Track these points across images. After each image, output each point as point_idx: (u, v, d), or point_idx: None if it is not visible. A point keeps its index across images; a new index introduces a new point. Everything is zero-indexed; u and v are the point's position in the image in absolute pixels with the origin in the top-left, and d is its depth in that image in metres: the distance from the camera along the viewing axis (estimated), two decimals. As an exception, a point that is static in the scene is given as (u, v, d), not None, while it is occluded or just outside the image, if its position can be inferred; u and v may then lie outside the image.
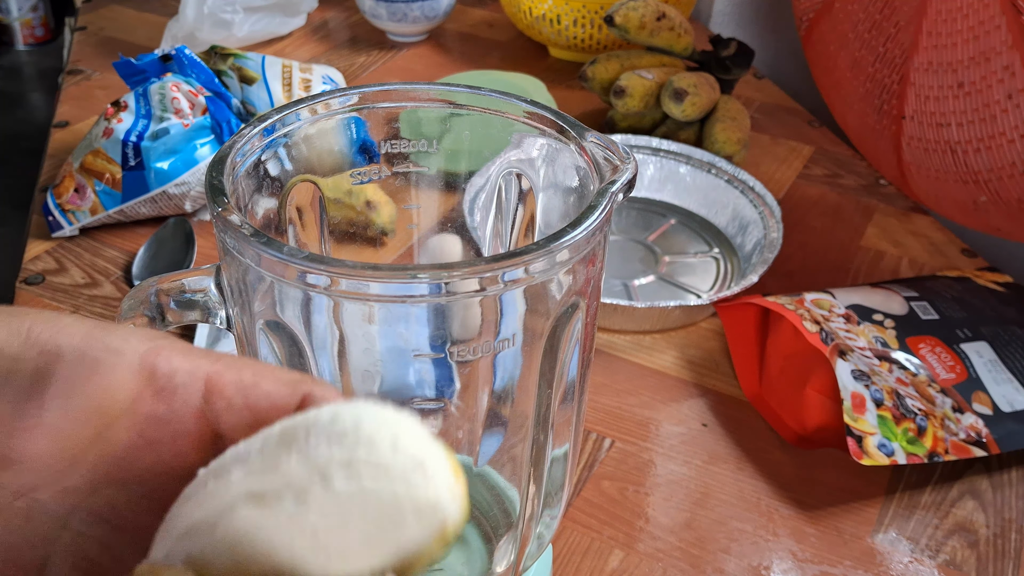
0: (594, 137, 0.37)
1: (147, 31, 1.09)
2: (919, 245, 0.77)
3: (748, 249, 0.72)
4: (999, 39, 0.58)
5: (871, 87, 0.71)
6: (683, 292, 0.71)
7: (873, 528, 0.53)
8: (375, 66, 1.03)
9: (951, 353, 0.59)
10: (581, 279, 0.35)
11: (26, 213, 0.79)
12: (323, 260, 0.30)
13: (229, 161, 0.35)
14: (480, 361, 0.39)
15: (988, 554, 0.52)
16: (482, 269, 0.30)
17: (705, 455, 0.57)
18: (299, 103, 0.39)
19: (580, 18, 0.97)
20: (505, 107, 0.40)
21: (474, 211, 0.47)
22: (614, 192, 0.34)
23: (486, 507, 0.45)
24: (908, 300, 0.62)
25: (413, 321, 0.35)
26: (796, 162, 0.88)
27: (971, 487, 0.56)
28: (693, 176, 0.79)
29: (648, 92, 0.83)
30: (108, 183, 0.73)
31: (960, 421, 0.55)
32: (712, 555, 0.51)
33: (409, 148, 0.42)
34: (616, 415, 0.60)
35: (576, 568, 0.50)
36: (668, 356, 0.64)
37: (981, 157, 0.62)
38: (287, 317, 0.34)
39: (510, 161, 0.42)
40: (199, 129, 0.73)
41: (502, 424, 0.43)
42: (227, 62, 0.81)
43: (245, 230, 0.31)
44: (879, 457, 0.52)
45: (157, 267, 0.69)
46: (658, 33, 0.86)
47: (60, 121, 0.90)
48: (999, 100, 0.59)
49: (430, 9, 1.04)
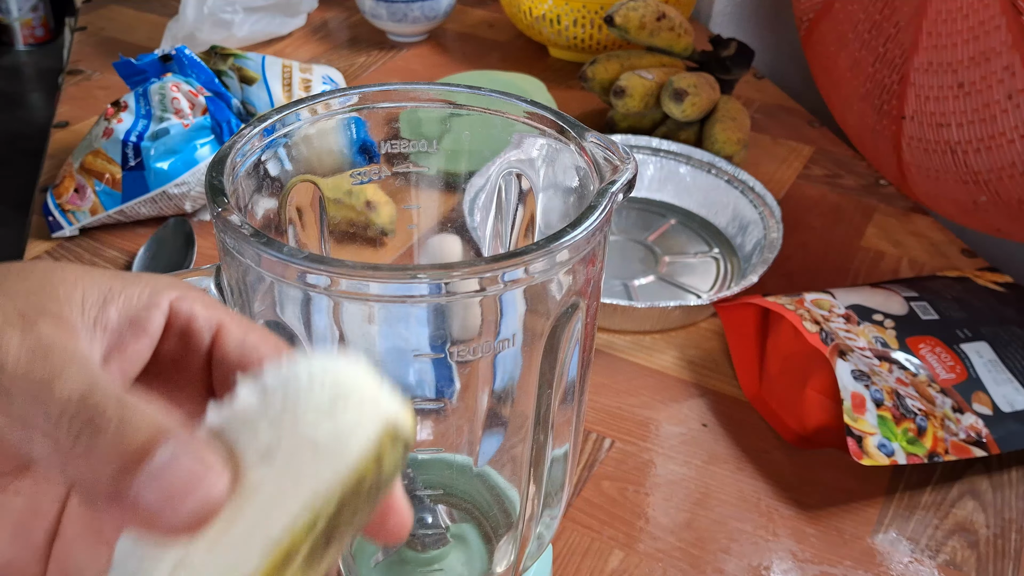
0: (594, 137, 0.37)
1: (147, 31, 1.09)
2: (919, 245, 0.77)
3: (748, 249, 0.72)
4: (999, 39, 0.58)
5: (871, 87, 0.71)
6: (683, 292, 0.71)
7: (873, 528, 0.53)
8: (375, 66, 1.03)
9: (951, 353, 0.59)
10: (581, 279, 0.35)
11: (26, 213, 0.79)
12: (323, 260, 0.30)
13: (229, 161, 0.35)
14: (480, 361, 0.39)
15: (988, 554, 0.52)
16: (482, 269, 0.30)
17: (705, 455, 0.57)
18: (299, 103, 0.39)
19: (580, 18, 0.97)
20: (505, 107, 0.40)
21: (474, 211, 0.47)
22: (614, 192, 0.34)
23: (486, 507, 0.45)
24: (908, 300, 0.62)
25: (413, 321, 0.35)
26: (796, 162, 0.88)
27: (971, 487, 0.56)
28: (693, 176, 0.79)
29: (648, 92, 0.83)
30: (108, 183, 0.73)
31: (960, 421, 0.55)
32: (712, 555, 0.51)
33: (409, 148, 0.42)
34: (616, 415, 0.60)
35: (576, 568, 0.50)
36: (668, 356, 0.64)
37: (981, 157, 0.62)
38: (287, 317, 0.34)
39: (510, 161, 0.42)
40: (199, 129, 0.73)
41: (502, 424, 0.43)
42: (227, 62, 0.81)
43: (245, 230, 0.31)
44: (879, 457, 0.52)
45: (157, 267, 0.69)
46: (658, 33, 0.86)
47: (60, 121, 0.90)
48: (999, 100, 0.59)
49: (430, 9, 1.04)
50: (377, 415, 0.22)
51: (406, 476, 0.43)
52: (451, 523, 0.44)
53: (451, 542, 0.43)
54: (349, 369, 0.22)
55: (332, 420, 0.21)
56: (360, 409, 0.21)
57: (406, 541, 0.43)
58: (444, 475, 0.45)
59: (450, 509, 0.45)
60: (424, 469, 0.45)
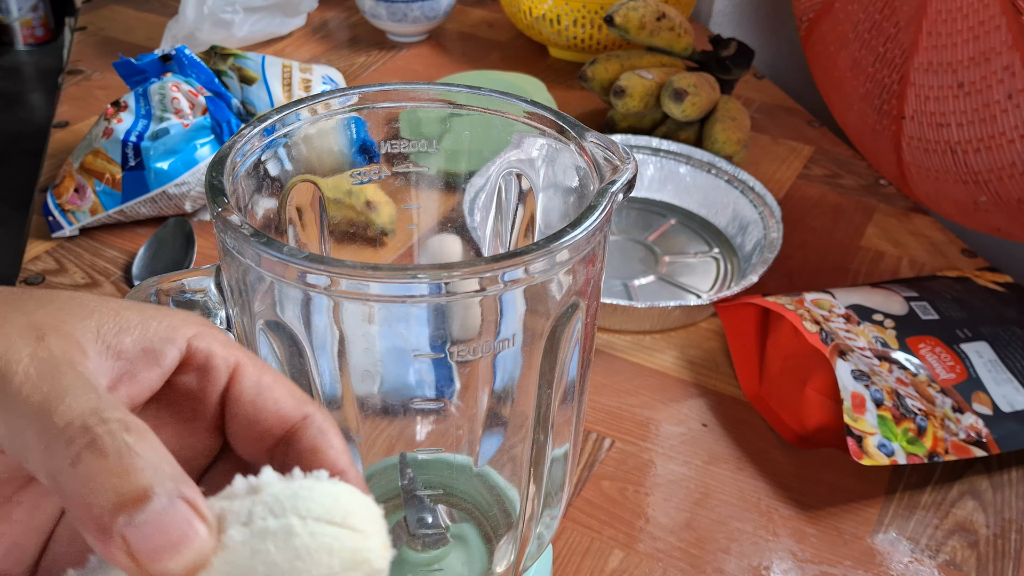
0: (594, 137, 0.37)
1: (147, 31, 1.09)
2: (919, 245, 0.77)
3: (748, 249, 0.72)
4: (999, 39, 0.58)
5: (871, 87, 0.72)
6: (683, 292, 0.71)
7: (873, 528, 0.53)
8: (375, 66, 1.03)
9: (951, 353, 0.59)
10: (581, 279, 0.35)
11: (26, 213, 0.79)
12: (323, 260, 0.30)
13: (229, 161, 0.35)
14: (480, 361, 0.39)
15: (988, 554, 0.52)
16: (482, 269, 0.30)
17: (705, 455, 0.57)
18: (299, 103, 0.39)
19: (580, 18, 0.97)
20: (505, 107, 0.40)
21: (474, 211, 0.47)
22: (614, 192, 0.34)
23: (486, 507, 0.45)
24: (908, 300, 0.62)
25: (413, 321, 0.35)
26: (796, 162, 0.88)
27: (971, 487, 0.56)
28: (693, 176, 0.79)
29: (648, 92, 0.83)
30: (108, 183, 0.73)
31: (960, 421, 0.55)
32: (712, 555, 0.51)
33: (409, 148, 0.42)
34: (616, 415, 0.60)
35: (576, 568, 0.50)
36: (668, 356, 0.64)
37: (981, 157, 0.62)
38: (287, 317, 0.34)
39: (510, 161, 0.42)
40: (199, 129, 0.73)
41: (502, 424, 0.43)
42: (227, 62, 0.81)
43: (245, 230, 0.31)
44: (879, 457, 0.52)
45: (157, 267, 0.69)
46: (658, 33, 0.86)
47: (60, 121, 0.90)
48: (999, 100, 0.59)
49: (430, 9, 1.04)
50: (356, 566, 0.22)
51: (406, 476, 0.43)
52: (451, 523, 0.44)
53: (451, 542, 0.43)
54: (356, 520, 0.22)
55: (306, 568, 0.21)
56: (338, 563, 0.22)
57: (406, 541, 0.43)
58: (444, 475, 0.45)
59: (450, 509, 0.45)
60: (424, 469, 0.45)
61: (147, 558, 0.20)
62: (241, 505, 0.22)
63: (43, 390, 0.21)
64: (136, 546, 0.20)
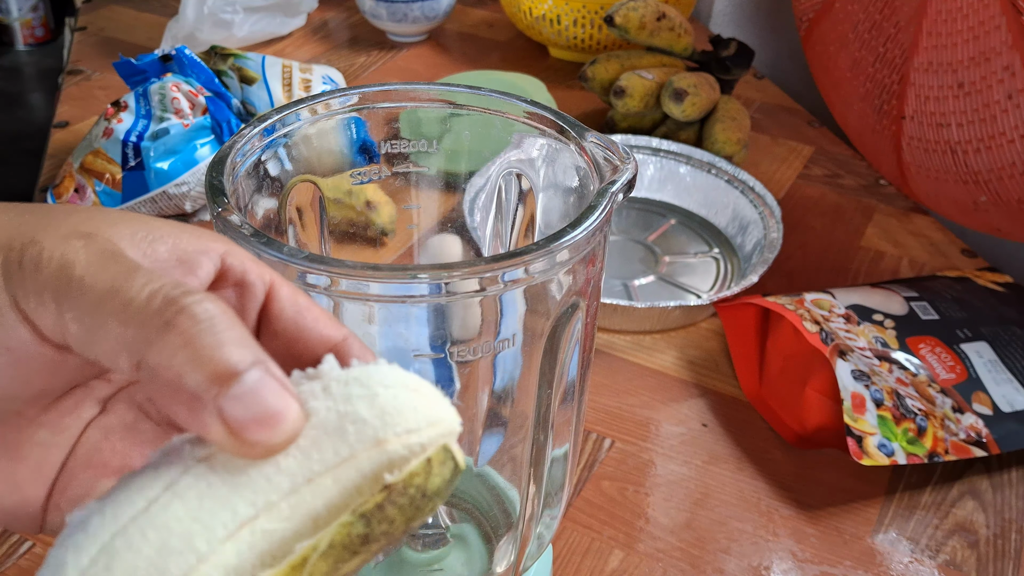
0: (594, 137, 0.37)
1: (147, 31, 1.09)
2: (919, 245, 0.77)
3: (748, 249, 0.72)
4: (999, 39, 0.58)
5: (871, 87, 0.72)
6: (683, 292, 0.71)
7: (873, 528, 0.53)
8: (375, 66, 1.03)
9: (951, 353, 0.59)
10: (581, 279, 0.35)
11: (26, 213, 0.79)
12: (323, 260, 0.30)
13: (229, 161, 0.35)
14: (480, 361, 0.39)
15: (988, 554, 0.52)
16: (482, 269, 0.30)
17: (705, 455, 0.57)
18: (299, 103, 0.39)
19: (580, 18, 0.97)
20: (505, 107, 0.40)
21: (474, 211, 0.47)
22: (614, 192, 0.34)
23: (486, 507, 0.45)
24: (908, 300, 0.62)
25: (413, 321, 0.35)
26: (796, 162, 0.88)
27: (971, 487, 0.56)
28: (693, 176, 0.79)
29: (648, 92, 0.83)
30: (108, 183, 0.73)
31: (960, 421, 0.55)
32: (712, 555, 0.51)
33: (409, 148, 0.42)
34: (616, 415, 0.60)
35: (576, 568, 0.50)
36: (668, 356, 0.64)
37: (981, 157, 0.62)
38: (287, 317, 0.34)
39: (510, 161, 0.42)
40: (199, 129, 0.73)
41: (502, 424, 0.43)
42: (227, 62, 0.81)
43: (245, 230, 0.31)
44: (879, 457, 0.52)
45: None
46: (658, 33, 0.86)
47: (60, 121, 0.90)
48: (999, 100, 0.59)
49: (430, 9, 1.04)
50: (438, 432, 0.23)
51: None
52: (451, 523, 0.44)
53: (451, 542, 0.43)
54: (427, 389, 0.24)
55: (395, 421, 0.22)
56: (422, 418, 0.23)
57: (406, 541, 0.43)
58: (444, 475, 0.45)
59: (450, 509, 0.45)
60: (424, 469, 0.45)
61: (246, 429, 0.20)
62: (310, 386, 0.22)
63: (111, 271, 0.21)
64: (234, 417, 0.20)
